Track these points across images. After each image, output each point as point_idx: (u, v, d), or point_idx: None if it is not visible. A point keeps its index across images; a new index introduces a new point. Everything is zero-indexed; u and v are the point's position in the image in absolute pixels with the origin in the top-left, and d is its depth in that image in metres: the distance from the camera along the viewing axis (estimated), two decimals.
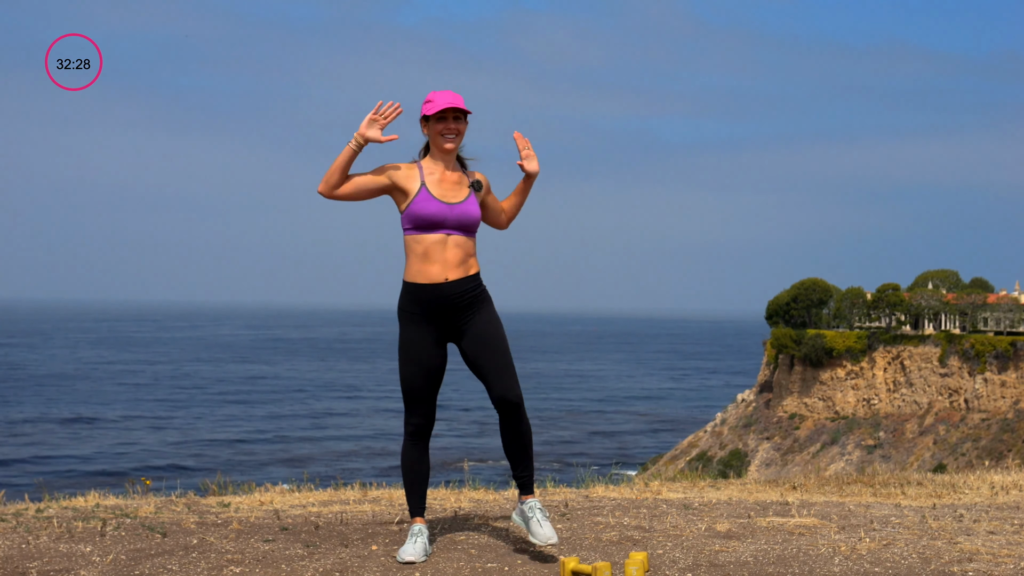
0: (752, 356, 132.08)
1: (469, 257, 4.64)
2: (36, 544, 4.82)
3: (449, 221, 4.59)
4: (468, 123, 4.70)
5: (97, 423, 68.45)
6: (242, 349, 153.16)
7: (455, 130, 4.63)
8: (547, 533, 4.57)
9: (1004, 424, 56.56)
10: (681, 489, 7.36)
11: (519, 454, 4.70)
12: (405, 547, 4.58)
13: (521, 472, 4.72)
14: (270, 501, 6.30)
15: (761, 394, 67.22)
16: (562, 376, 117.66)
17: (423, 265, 4.59)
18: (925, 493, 7.26)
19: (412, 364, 4.66)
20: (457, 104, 4.60)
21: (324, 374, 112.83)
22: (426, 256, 4.59)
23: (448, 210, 4.59)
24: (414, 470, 4.73)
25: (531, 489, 4.74)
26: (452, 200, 4.61)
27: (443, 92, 4.66)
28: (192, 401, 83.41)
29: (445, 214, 4.58)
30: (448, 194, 4.62)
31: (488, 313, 4.68)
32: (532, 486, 4.75)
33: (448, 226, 4.59)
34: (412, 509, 4.74)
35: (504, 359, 4.64)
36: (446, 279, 4.58)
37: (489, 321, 4.67)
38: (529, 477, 4.74)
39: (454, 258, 4.59)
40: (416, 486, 4.74)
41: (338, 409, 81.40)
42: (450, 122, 4.62)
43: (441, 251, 4.58)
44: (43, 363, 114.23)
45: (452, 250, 4.60)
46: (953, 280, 67.95)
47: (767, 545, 4.97)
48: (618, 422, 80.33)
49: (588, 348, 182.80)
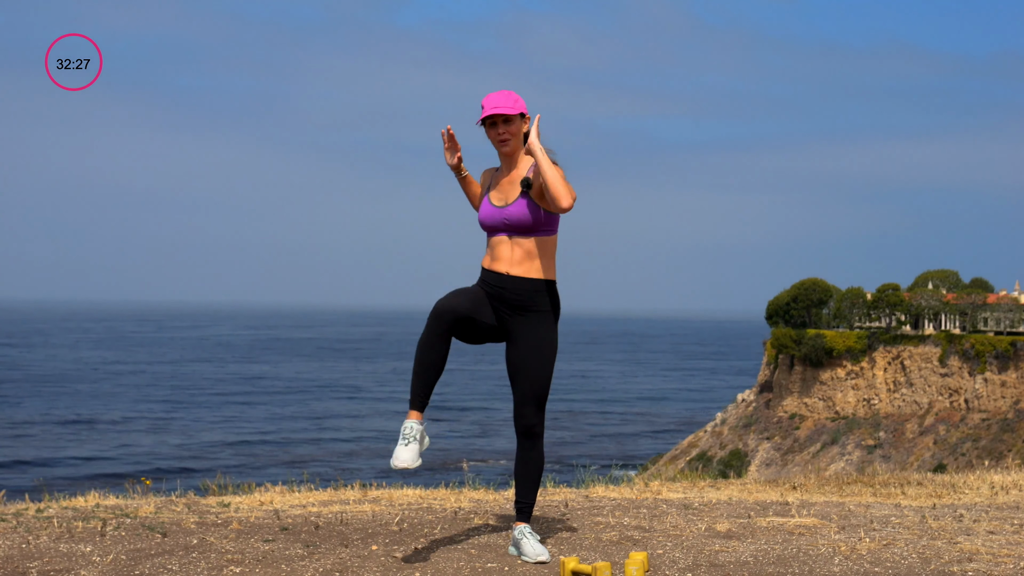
0: (752, 356, 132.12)
1: (534, 258, 4.61)
2: (36, 544, 4.82)
3: (498, 224, 4.62)
4: (526, 118, 4.66)
5: (97, 424, 68.44)
6: (242, 349, 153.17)
7: (506, 133, 4.62)
8: (538, 550, 4.57)
9: (1004, 424, 56.56)
10: (681, 489, 7.37)
11: (524, 481, 4.69)
12: (397, 450, 4.41)
13: (521, 498, 4.70)
14: (270, 501, 6.31)
15: (761, 394, 67.22)
16: (562, 376, 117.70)
17: (491, 259, 4.65)
18: (925, 493, 7.26)
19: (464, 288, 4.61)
20: (499, 109, 4.57)
21: (325, 374, 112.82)
22: (492, 253, 4.65)
23: (497, 213, 4.62)
24: (423, 356, 4.50)
25: (527, 518, 4.72)
26: (502, 203, 4.63)
27: (493, 94, 4.64)
28: (192, 401, 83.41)
29: (495, 217, 4.62)
30: (501, 197, 4.65)
31: (543, 331, 4.62)
32: (529, 515, 4.72)
33: (500, 229, 4.63)
34: (412, 398, 4.51)
35: (538, 387, 4.60)
36: (508, 273, 4.59)
37: (541, 341, 4.61)
38: (528, 506, 4.71)
39: (514, 256, 4.60)
40: (423, 371, 4.50)
41: (338, 409, 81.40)
42: (499, 127, 4.62)
43: (503, 250, 4.62)
44: (43, 363, 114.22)
45: (514, 249, 4.61)
46: (953, 280, 67.95)
47: (767, 545, 4.97)
48: (618, 422, 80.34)
49: (588, 348, 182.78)
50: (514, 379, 4.61)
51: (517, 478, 4.72)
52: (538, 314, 4.61)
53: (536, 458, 4.68)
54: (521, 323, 4.60)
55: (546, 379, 4.60)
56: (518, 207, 4.60)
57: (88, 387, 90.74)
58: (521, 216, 4.58)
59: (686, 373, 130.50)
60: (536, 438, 4.65)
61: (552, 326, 4.65)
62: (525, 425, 4.62)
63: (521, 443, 4.68)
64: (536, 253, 4.61)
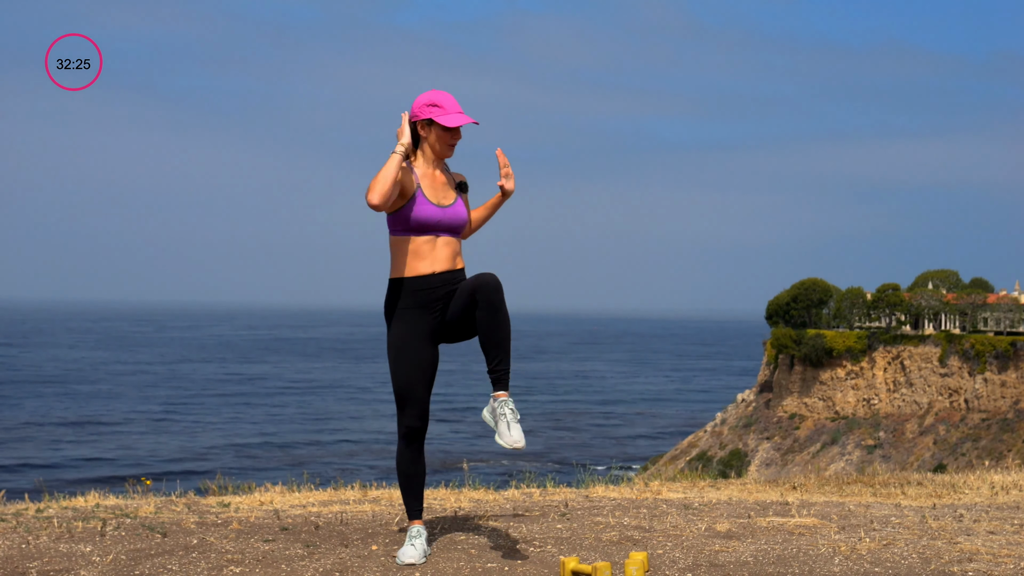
0: (752, 356, 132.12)
1: (456, 256, 4.66)
2: (36, 544, 4.82)
3: (442, 224, 4.59)
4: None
5: (97, 424, 68.43)
6: (242, 349, 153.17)
7: (456, 141, 4.66)
8: (515, 436, 4.37)
9: (1004, 424, 56.56)
10: (681, 489, 7.37)
11: (495, 344, 4.44)
12: (404, 549, 4.56)
13: (497, 365, 4.45)
14: (270, 501, 6.31)
15: (761, 394, 67.22)
16: (562, 376, 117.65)
17: (412, 262, 4.57)
18: (925, 493, 7.26)
19: (404, 362, 4.57)
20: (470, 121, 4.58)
21: (325, 374, 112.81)
22: (416, 254, 4.57)
23: (441, 213, 4.58)
24: (410, 473, 4.67)
25: (505, 385, 4.47)
26: (444, 203, 4.61)
27: (447, 97, 4.61)
28: (192, 401, 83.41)
29: (439, 218, 4.58)
30: (440, 197, 4.61)
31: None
32: (507, 382, 4.48)
33: (440, 229, 4.60)
34: (409, 511, 4.70)
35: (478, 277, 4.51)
36: (433, 272, 4.57)
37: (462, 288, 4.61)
38: (504, 372, 4.47)
39: (442, 256, 4.60)
40: (412, 488, 4.68)
41: (339, 410, 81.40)
42: (458, 133, 4.63)
43: (430, 250, 4.58)
44: (43, 364, 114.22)
45: (441, 249, 4.60)
46: (953, 280, 67.96)
47: (767, 545, 4.97)
48: (618, 422, 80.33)
49: (588, 348, 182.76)
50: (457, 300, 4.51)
51: (488, 344, 4.43)
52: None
53: (504, 316, 4.44)
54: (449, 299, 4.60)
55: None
56: (460, 208, 4.66)
57: (88, 388, 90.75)
58: (464, 218, 4.66)
59: (686, 373, 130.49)
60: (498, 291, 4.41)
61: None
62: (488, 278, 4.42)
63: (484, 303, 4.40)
64: (458, 251, 4.68)
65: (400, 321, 4.59)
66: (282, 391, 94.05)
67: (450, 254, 4.62)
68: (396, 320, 4.59)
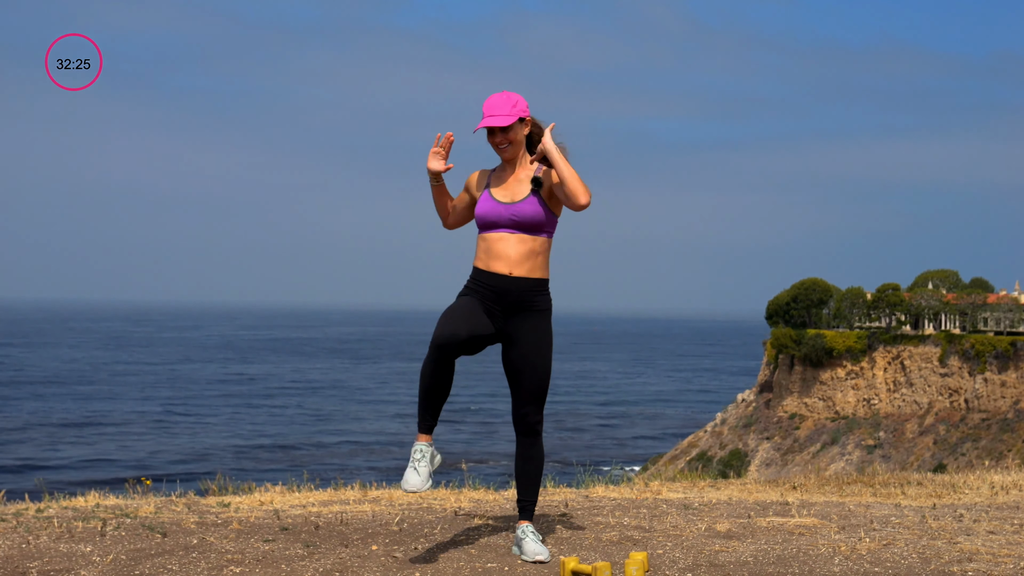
0: (752, 356, 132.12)
1: (536, 257, 4.60)
2: (36, 544, 4.82)
3: (503, 220, 4.57)
4: (528, 123, 4.66)
5: (97, 424, 68.44)
6: (242, 349, 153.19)
7: (504, 141, 4.60)
8: (536, 549, 4.56)
9: (1004, 424, 56.56)
10: (681, 489, 7.37)
11: (525, 479, 4.69)
12: (407, 475, 4.47)
13: (524, 496, 4.71)
14: (270, 501, 6.31)
15: (761, 394, 67.23)
16: (562, 376, 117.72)
17: (488, 259, 4.60)
18: (925, 493, 7.26)
19: (458, 304, 4.56)
20: (493, 121, 4.54)
21: (325, 374, 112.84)
22: (489, 252, 4.60)
23: (503, 209, 4.58)
24: (429, 383, 4.50)
25: (530, 516, 4.72)
26: (509, 200, 4.60)
27: (492, 99, 4.61)
28: (192, 401, 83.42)
29: (499, 213, 4.58)
30: (507, 194, 4.62)
31: (542, 330, 4.62)
32: (531, 514, 4.72)
33: (503, 225, 4.58)
34: (420, 422, 4.55)
35: (539, 385, 4.61)
36: (510, 274, 4.56)
37: (540, 340, 4.61)
38: (531, 504, 4.71)
39: (517, 255, 4.57)
40: (429, 394, 4.51)
41: (339, 410, 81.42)
42: (497, 135, 4.61)
43: (504, 248, 4.58)
44: (43, 364, 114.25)
45: (515, 247, 4.58)
46: (953, 280, 67.96)
47: (767, 545, 4.97)
48: (618, 422, 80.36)
49: (588, 348, 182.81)
50: (515, 379, 4.61)
51: (518, 477, 4.71)
52: (537, 312, 4.62)
53: (537, 456, 4.69)
54: (520, 323, 4.60)
55: (547, 376, 4.62)
56: (529, 204, 4.59)
57: (88, 388, 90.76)
58: (532, 212, 4.58)
59: (686, 373, 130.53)
60: (537, 436, 4.67)
61: (549, 324, 4.68)
62: (527, 424, 4.63)
63: (522, 441, 4.68)
64: (538, 252, 4.60)
65: (464, 294, 4.64)
66: (282, 391, 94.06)
67: (524, 253, 4.57)
68: (461, 294, 4.65)
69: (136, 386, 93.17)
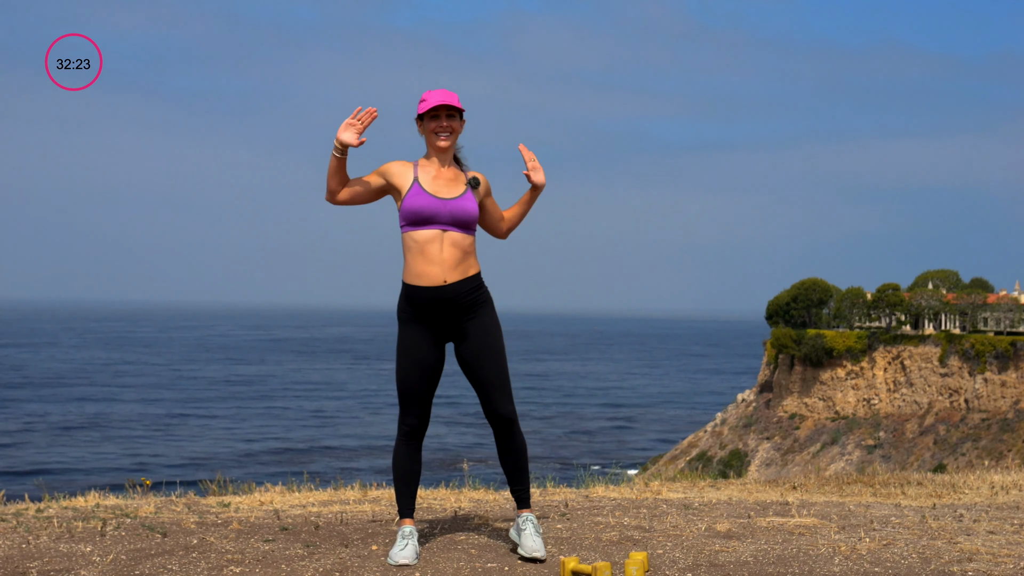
0: (752, 356, 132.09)
1: (468, 256, 4.57)
2: (36, 544, 4.81)
3: (442, 216, 4.51)
4: (464, 121, 4.66)
5: (97, 425, 68.44)
6: (242, 349, 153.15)
7: (448, 127, 4.58)
8: (534, 545, 4.57)
9: (1004, 424, 56.55)
10: (681, 489, 7.37)
11: (513, 468, 4.71)
12: (395, 550, 4.54)
13: (516, 486, 4.73)
14: (270, 501, 6.31)
15: (761, 394, 67.22)
16: (562, 376, 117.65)
17: (422, 266, 4.53)
18: (925, 493, 7.26)
19: (409, 364, 4.60)
20: (449, 101, 4.55)
21: (325, 374, 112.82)
22: (423, 255, 4.52)
23: (441, 204, 4.52)
24: (405, 469, 4.68)
25: (527, 503, 4.73)
26: (446, 196, 4.55)
27: (437, 91, 4.61)
28: (192, 401, 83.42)
29: (438, 208, 4.51)
30: (442, 190, 4.56)
31: (488, 320, 4.62)
32: (528, 499, 4.73)
33: (442, 221, 4.52)
34: (402, 509, 4.69)
35: (499, 373, 4.61)
36: (445, 281, 4.52)
37: (487, 331, 4.61)
38: (524, 490, 4.73)
39: (452, 258, 4.52)
40: (407, 486, 4.68)
41: (339, 409, 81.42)
42: (443, 120, 4.58)
43: (438, 250, 4.51)
44: (43, 364, 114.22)
45: (449, 249, 4.52)
46: (953, 280, 67.96)
47: (767, 545, 4.97)
48: (619, 422, 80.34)
49: (588, 348, 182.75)
50: (474, 373, 4.61)
51: (507, 468, 4.71)
52: (479, 306, 4.61)
53: (518, 444, 4.69)
54: (469, 321, 4.60)
55: (504, 363, 4.62)
56: (468, 200, 4.57)
57: (89, 389, 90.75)
58: (471, 210, 4.56)
59: (686, 373, 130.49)
60: (512, 423, 4.65)
61: (494, 313, 4.68)
62: (499, 414, 4.62)
63: (499, 434, 4.67)
64: (468, 251, 4.58)
65: (408, 324, 4.63)
66: (282, 391, 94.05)
67: (458, 256, 4.53)
68: (404, 322, 4.64)
69: (136, 386, 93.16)
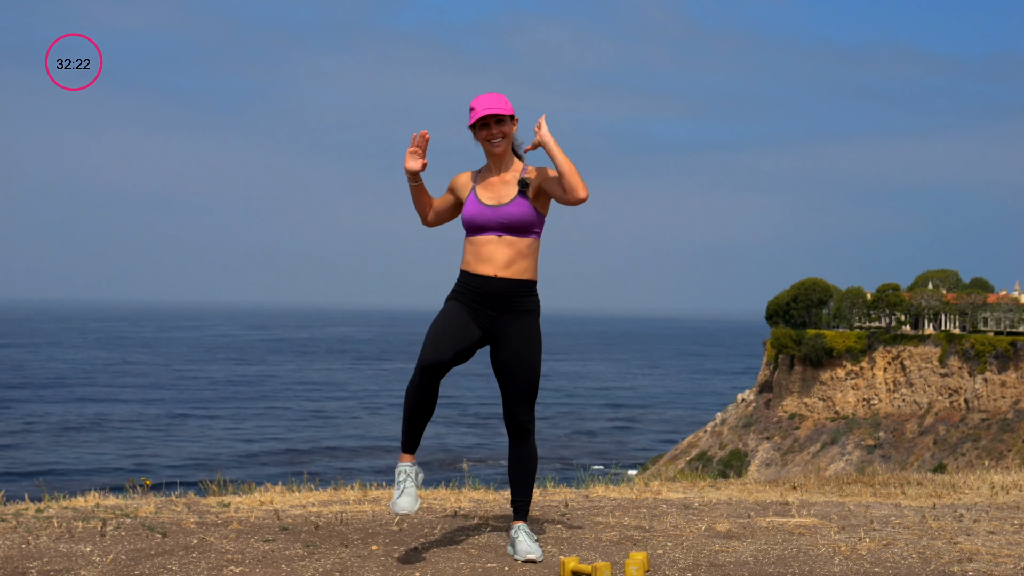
0: (752, 356, 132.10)
1: (523, 259, 4.60)
2: (36, 544, 4.81)
3: (491, 223, 4.58)
4: (517, 120, 4.68)
5: (97, 424, 68.43)
6: (242, 349, 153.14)
7: (499, 134, 4.60)
8: (528, 548, 4.57)
9: (1004, 424, 56.55)
10: (681, 489, 7.37)
11: (518, 479, 4.71)
12: (398, 499, 4.48)
13: (517, 497, 4.72)
14: (270, 501, 6.30)
15: (761, 394, 67.22)
16: (563, 376, 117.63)
17: (475, 262, 4.60)
18: (925, 493, 7.26)
19: (444, 317, 4.57)
20: (493, 110, 4.56)
21: (325, 374, 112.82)
22: (477, 255, 4.60)
23: (491, 213, 4.57)
24: (416, 400, 4.51)
25: (523, 516, 4.73)
26: (495, 203, 4.59)
27: (483, 96, 4.63)
28: (192, 401, 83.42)
29: (487, 216, 4.57)
30: (493, 197, 4.61)
31: (530, 331, 4.63)
32: (525, 513, 4.73)
33: (493, 228, 4.58)
34: (403, 442, 4.58)
35: (529, 385, 4.62)
36: (496, 276, 4.56)
37: (528, 343, 4.62)
38: (524, 504, 4.72)
39: (504, 258, 4.57)
40: (415, 415, 4.53)
41: (339, 409, 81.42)
42: (492, 127, 4.61)
43: (491, 251, 4.58)
44: (43, 364, 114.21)
45: (503, 250, 4.57)
46: (953, 280, 67.94)
47: (767, 545, 4.97)
48: (619, 422, 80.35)
49: (589, 348, 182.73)
50: (505, 379, 4.62)
51: (512, 477, 4.73)
52: (525, 313, 4.63)
53: (530, 456, 4.71)
54: (509, 323, 4.60)
55: (537, 376, 4.64)
56: (517, 206, 4.59)
57: (89, 389, 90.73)
58: (520, 215, 4.58)
59: (686, 373, 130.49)
60: (528, 435, 4.68)
61: (537, 324, 4.69)
62: (519, 423, 4.64)
63: (514, 441, 4.70)
64: (525, 254, 4.60)
65: (450, 301, 4.65)
66: (283, 391, 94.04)
67: (511, 256, 4.57)
68: (447, 301, 4.67)
69: (136, 387, 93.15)
